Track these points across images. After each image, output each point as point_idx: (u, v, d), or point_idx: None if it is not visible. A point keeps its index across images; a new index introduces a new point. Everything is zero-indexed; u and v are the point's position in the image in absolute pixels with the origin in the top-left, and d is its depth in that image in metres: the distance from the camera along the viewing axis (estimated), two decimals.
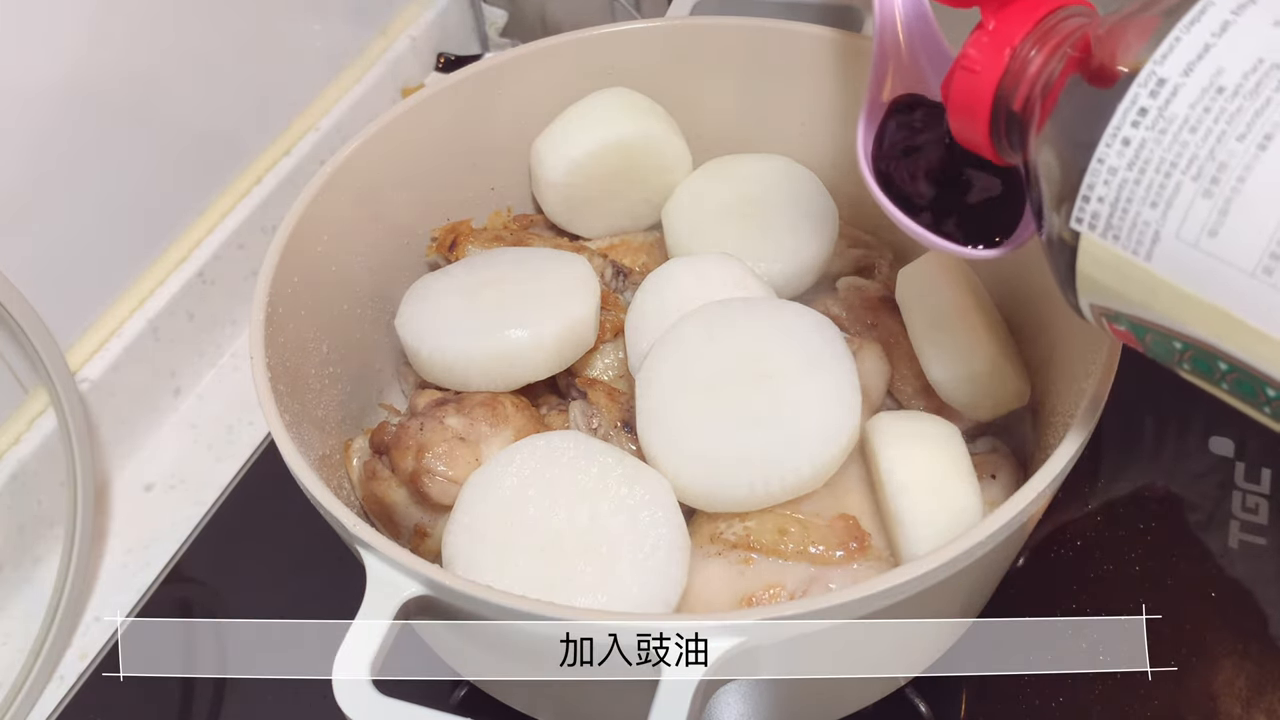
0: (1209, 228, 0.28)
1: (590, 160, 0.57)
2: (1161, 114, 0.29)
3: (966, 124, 0.37)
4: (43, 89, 0.56)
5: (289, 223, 0.49)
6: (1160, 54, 0.29)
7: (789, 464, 0.43)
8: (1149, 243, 0.30)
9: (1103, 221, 0.31)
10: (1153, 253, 0.30)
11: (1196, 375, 0.32)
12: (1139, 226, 0.30)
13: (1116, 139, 0.30)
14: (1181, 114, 0.29)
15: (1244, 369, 0.30)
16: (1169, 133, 0.29)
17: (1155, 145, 0.29)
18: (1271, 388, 0.30)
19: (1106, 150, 0.30)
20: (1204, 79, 0.28)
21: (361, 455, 0.51)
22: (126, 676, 0.55)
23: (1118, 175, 0.30)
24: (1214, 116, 0.28)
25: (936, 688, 0.50)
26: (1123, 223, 0.30)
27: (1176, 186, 0.29)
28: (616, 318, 0.54)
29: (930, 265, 0.50)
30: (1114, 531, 0.56)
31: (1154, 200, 0.29)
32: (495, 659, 0.44)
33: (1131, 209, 0.30)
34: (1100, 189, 0.30)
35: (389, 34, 0.82)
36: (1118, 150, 0.30)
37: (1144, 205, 0.29)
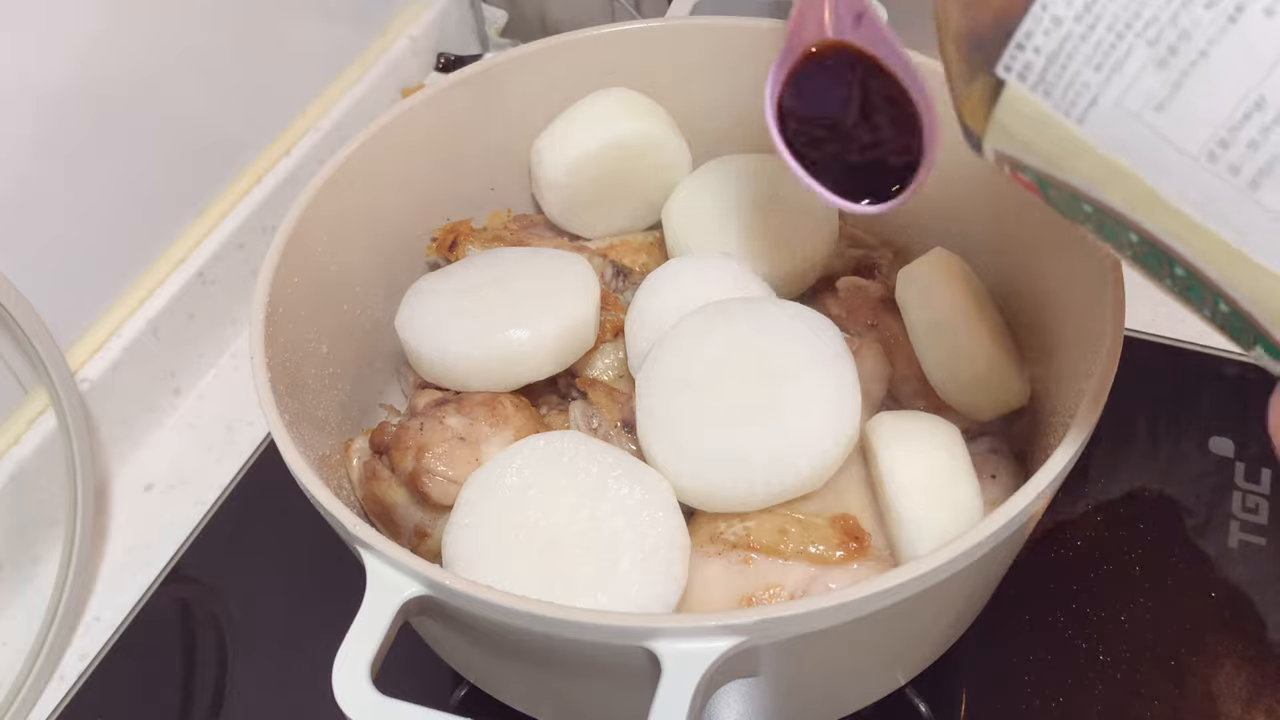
0: (1156, 101, 0.26)
1: (590, 160, 0.57)
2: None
3: None
4: (43, 89, 0.56)
5: (289, 223, 0.49)
6: None
7: (789, 464, 0.43)
8: (1084, 105, 0.27)
9: (1035, 74, 0.28)
10: (1086, 116, 0.27)
11: (1102, 237, 0.30)
12: (1076, 86, 0.27)
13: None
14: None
15: (1157, 244, 0.28)
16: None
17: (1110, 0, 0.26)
18: (1181, 267, 0.28)
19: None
20: None
21: (361, 455, 0.51)
22: (126, 676, 0.55)
23: (1062, 27, 0.27)
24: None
25: (936, 688, 0.50)
26: (1058, 80, 0.27)
27: (1128, 50, 0.26)
28: (616, 318, 0.54)
29: (930, 265, 0.50)
30: (1113, 531, 0.56)
31: (1099, 62, 0.26)
32: (495, 659, 0.44)
33: (1071, 66, 0.27)
34: (1039, 39, 0.27)
35: (389, 34, 0.82)
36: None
37: (1086, 65, 0.27)
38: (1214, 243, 0.26)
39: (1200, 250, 0.27)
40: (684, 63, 0.59)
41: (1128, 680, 0.50)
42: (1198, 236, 0.27)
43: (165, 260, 0.66)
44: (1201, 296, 0.28)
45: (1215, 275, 0.27)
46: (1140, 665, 0.51)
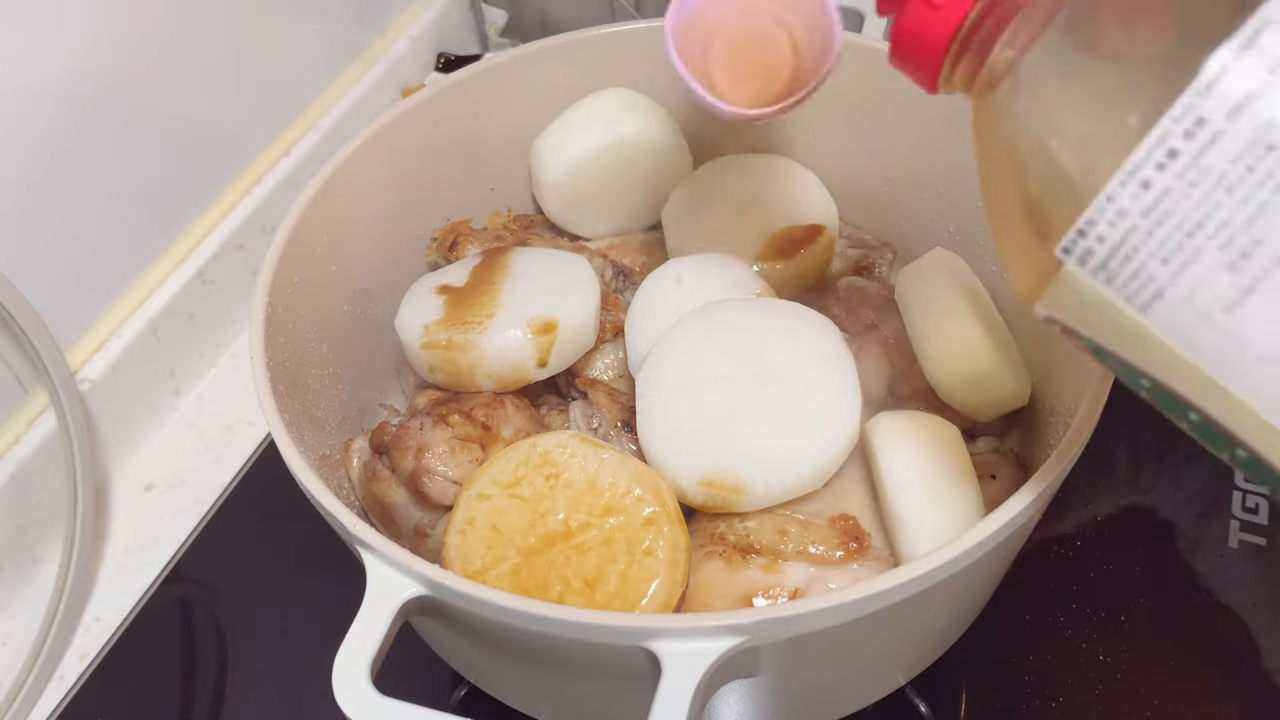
0: (1226, 302, 0.25)
1: (590, 160, 0.57)
2: (1195, 163, 0.24)
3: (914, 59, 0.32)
4: (43, 89, 0.56)
5: (289, 223, 0.49)
6: (1203, 84, 0.24)
7: (789, 464, 0.43)
8: (1148, 297, 0.26)
9: (1096, 262, 0.27)
10: (1149, 308, 0.26)
11: (1157, 404, 0.30)
12: (1140, 279, 0.26)
13: (1134, 179, 0.25)
14: (1219, 168, 0.24)
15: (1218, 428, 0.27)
16: (1200, 187, 0.24)
17: (1181, 198, 0.25)
18: (1243, 450, 0.27)
19: (1119, 189, 0.25)
20: (1253, 129, 0.23)
21: (361, 455, 0.51)
22: (126, 676, 0.55)
23: (1127, 219, 0.25)
24: (1258, 179, 0.24)
25: (936, 688, 0.50)
26: (1121, 270, 0.26)
27: (1197, 251, 0.25)
28: (616, 318, 0.54)
29: (930, 265, 0.50)
30: (1114, 531, 0.56)
31: (1166, 257, 0.25)
32: (495, 659, 0.44)
33: (1135, 259, 0.26)
34: (1103, 229, 0.26)
35: (389, 34, 0.82)
36: (1133, 192, 0.25)
37: (1153, 259, 0.25)
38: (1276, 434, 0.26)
39: (1265, 441, 0.26)
40: None
41: (1128, 680, 0.50)
42: (1263, 430, 0.26)
43: (165, 260, 0.66)
44: (1261, 474, 0.28)
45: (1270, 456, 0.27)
46: (1140, 665, 0.51)
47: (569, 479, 0.44)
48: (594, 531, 0.43)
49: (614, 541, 0.43)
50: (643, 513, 0.43)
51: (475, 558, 0.43)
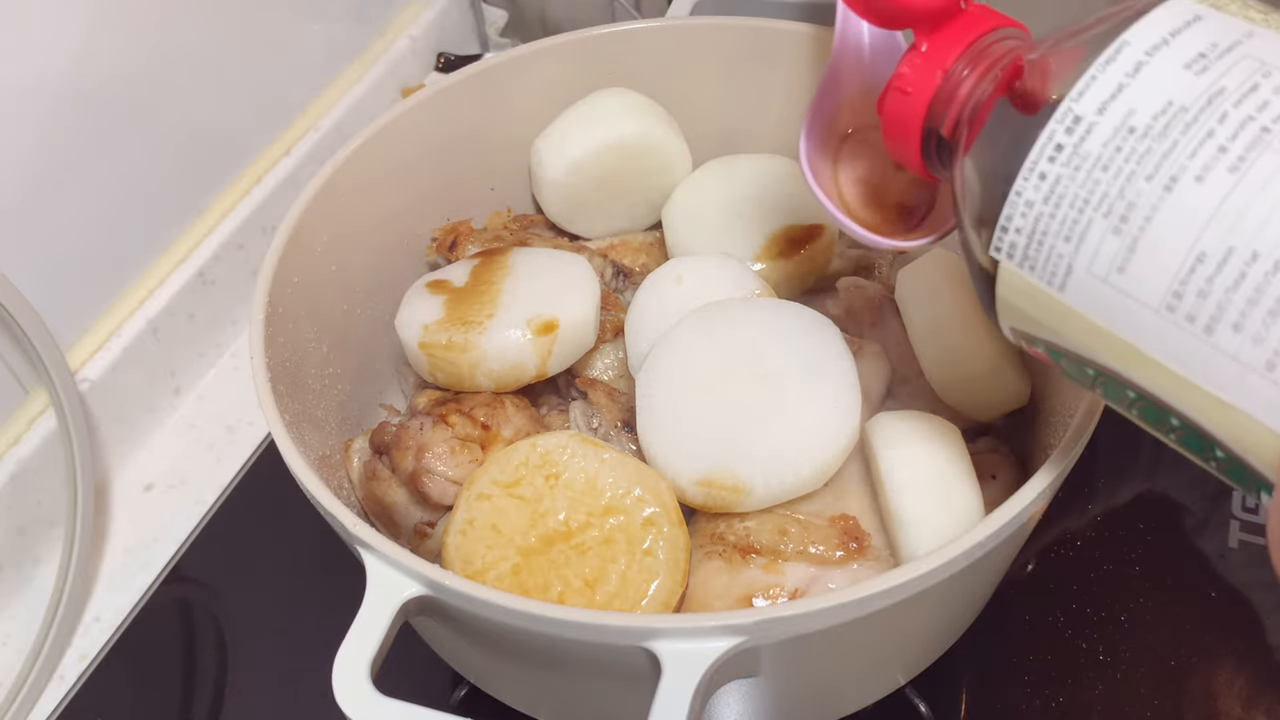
0: (1117, 264, 0.29)
1: (590, 160, 0.57)
2: (1076, 151, 0.30)
3: (899, 143, 0.38)
4: (43, 89, 0.56)
5: (289, 223, 0.49)
6: (1077, 90, 0.30)
7: (789, 464, 0.43)
8: (1062, 275, 0.30)
9: (1019, 252, 0.31)
10: (1066, 285, 0.30)
11: (1109, 400, 0.33)
12: (1053, 259, 0.30)
13: (1034, 173, 0.30)
14: (1095, 152, 0.29)
15: (1150, 398, 0.30)
16: (1083, 170, 0.29)
17: (1070, 181, 0.30)
18: (1175, 417, 0.30)
19: (1024, 184, 0.31)
20: (1117, 118, 0.29)
21: (361, 455, 0.51)
22: (126, 676, 0.55)
23: (1034, 209, 0.30)
24: (1125, 156, 0.29)
25: (936, 688, 0.50)
26: (1038, 254, 0.31)
27: (1088, 223, 0.29)
28: (616, 318, 0.54)
29: (930, 266, 0.50)
30: (1114, 531, 0.56)
31: (1067, 234, 0.30)
32: (495, 659, 0.44)
33: (1046, 242, 0.30)
34: (1018, 220, 0.31)
35: (389, 34, 0.82)
36: (1034, 184, 0.30)
37: (1058, 239, 0.30)
38: (1190, 388, 0.29)
39: (1182, 397, 0.29)
40: (684, 63, 0.59)
41: (1128, 680, 0.50)
42: (1176, 384, 0.29)
43: (165, 260, 0.66)
44: (1201, 447, 0.30)
45: (1199, 419, 0.29)
46: (1140, 665, 0.51)
47: (569, 479, 0.44)
48: (594, 531, 0.43)
49: (614, 542, 0.43)
50: (643, 513, 0.43)
51: (475, 558, 0.43)
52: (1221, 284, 0.27)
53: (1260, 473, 0.28)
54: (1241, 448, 0.28)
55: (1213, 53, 0.29)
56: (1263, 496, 0.29)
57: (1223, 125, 0.27)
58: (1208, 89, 0.28)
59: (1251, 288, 0.27)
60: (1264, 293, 0.26)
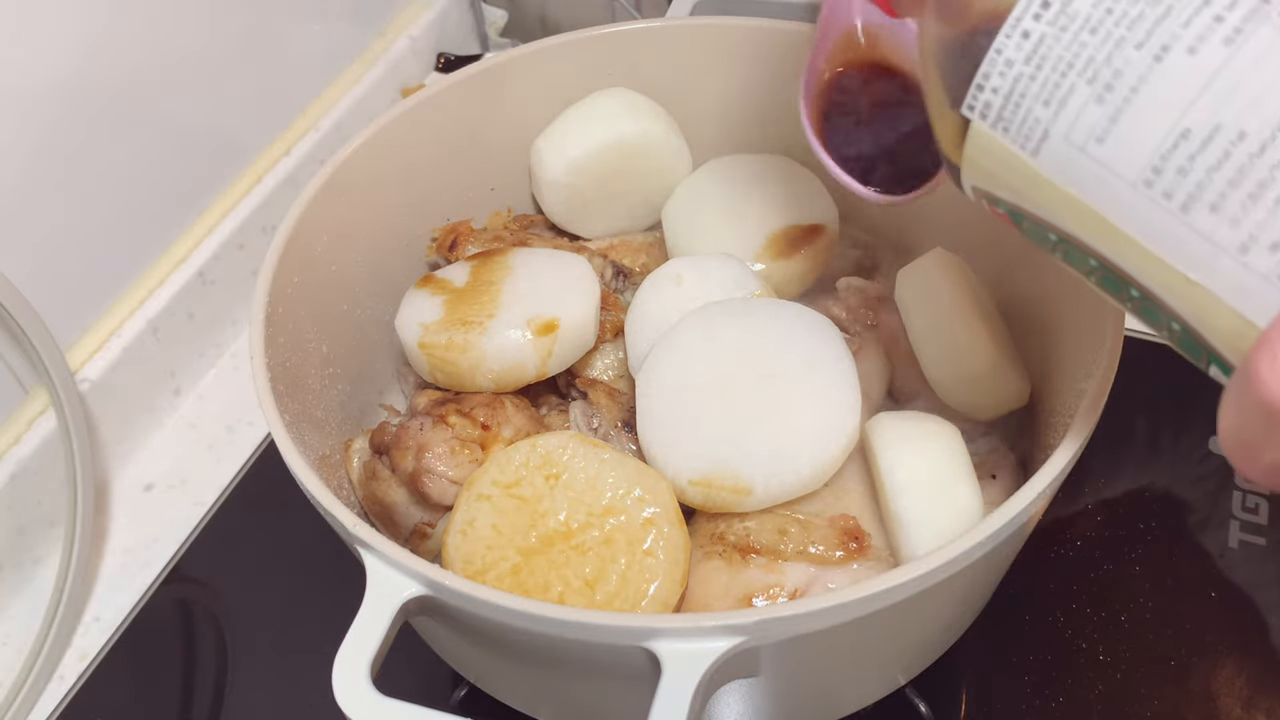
0: (1097, 133, 0.28)
1: (590, 160, 0.57)
2: (1064, 10, 0.28)
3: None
4: (43, 89, 0.56)
5: (289, 223, 0.49)
6: None
7: (789, 464, 0.43)
8: (1037, 140, 0.29)
9: (994, 112, 0.30)
10: (1040, 150, 0.29)
11: (1068, 264, 0.32)
12: (1029, 123, 0.29)
13: (1016, 30, 0.29)
14: (1083, 13, 0.28)
15: (1113, 269, 0.30)
16: (1069, 31, 0.28)
17: (1054, 42, 0.28)
18: (1135, 289, 0.29)
19: (1005, 41, 0.29)
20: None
21: (361, 455, 0.51)
22: (126, 676, 0.55)
23: (1014, 68, 0.29)
24: (1115, 20, 0.27)
25: (936, 688, 0.50)
26: (1014, 117, 0.29)
27: (1070, 88, 0.28)
28: (616, 318, 0.54)
29: (930, 265, 0.50)
30: (1114, 531, 0.56)
31: (1047, 99, 0.28)
32: (495, 659, 0.44)
33: (1024, 105, 0.29)
34: (995, 80, 0.29)
35: (389, 34, 0.82)
36: (1016, 42, 0.29)
37: (1036, 102, 0.29)
38: (1158, 264, 0.28)
39: (1147, 272, 0.28)
40: (684, 63, 0.59)
41: (1128, 680, 0.50)
42: (1144, 259, 0.28)
43: (165, 260, 0.66)
44: (1157, 318, 0.30)
45: (1163, 295, 0.29)
46: (1140, 665, 0.51)
47: (569, 479, 0.44)
48: (594, 532, 0.43)
49: (614, 542, 0.43)
50: (643, 513, 0.43)
51: (475, 558, 0.43)
52: (1204, 163, 0.26)
53: (1218, 351, 0.28)
54: (1204, 327, 0.28)
55: None
56: (1212, 369, 0.29)
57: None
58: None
59: (1234, 168, 0.26)
60: (1246, 174, 0.26)
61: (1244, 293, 0.26)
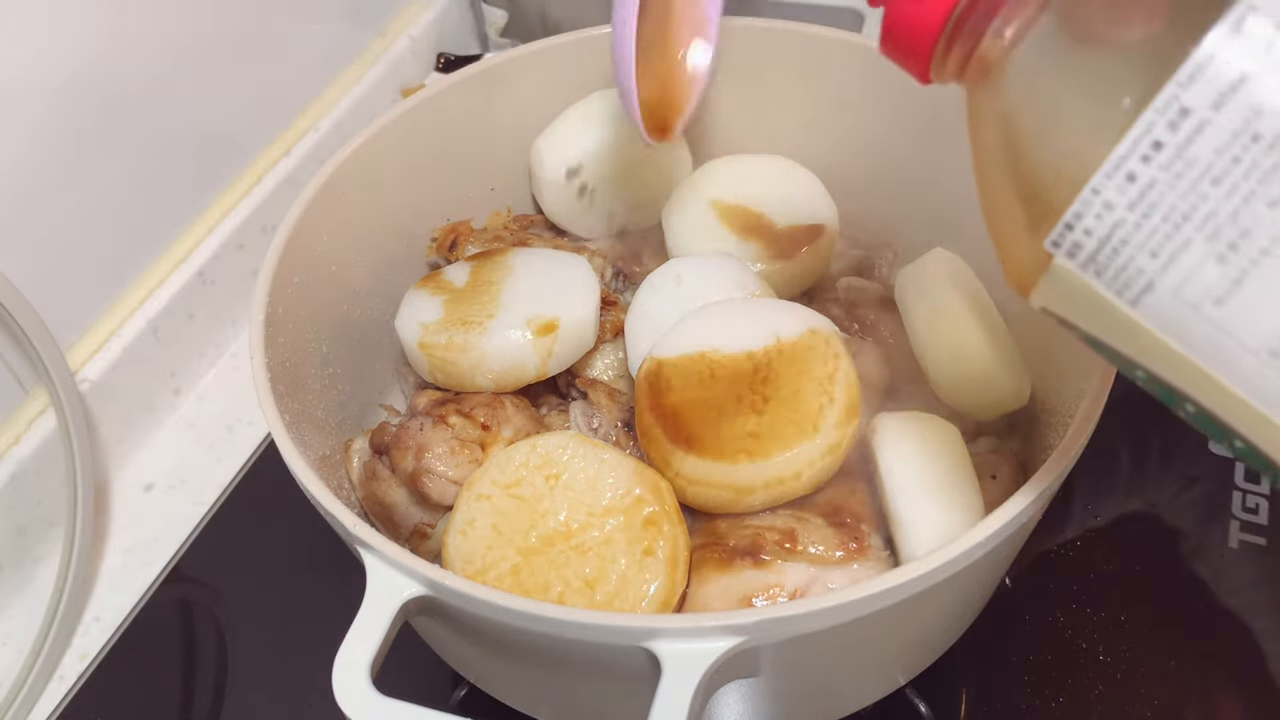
0: (1216, 295, 0.25)
1: (590, 160, 0.57)
2: (1180, 154, 0.24)
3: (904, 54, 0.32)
4: (43, 89, 0.56)
5: (289, 223, 0.49)
6: (1186, 74, 0.23)
7: (788, 465, 0.43)
8: (1138, 291, 0.26)
9: (1085, 255, 0.26)
10: (1140, 301, 0.26)
11: (1156, 395, 0.30)
12: (1130, 272, 0.26)
13: (1120, 172, 0.25)
14: (1205, 159, 0.24)
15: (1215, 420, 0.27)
16: (1186, 179, 0.24)
17: (1167, 190, 0.24)
18: (1240, 441, 0.27)
19: (1106, 182, 0.25)
20: (1238, 119, 0.23)
21: (361, 455, 0.51)
22: (127, 676, 0.55)
23: (1114, 213, 0.25)
24: (1244, 170, 0.23)
25: (936, 688, 0.50)
26: (1110, 263, 0.26)
27: (1185, 242, 0.25)
28: (616, 318, 0.54)
29: (930, 266, 0.50)
30: (1114, 531, 0.56)
31: (1155, 251, 0.25)
32: (495, 659, 0.44)
33: (1124, 252, 0.26)
34: (1090, 221, 0.26)
35: (389, 34, 0.82)
36: (1119, 184, 0.25)
37: (1141, 252, 0.25)
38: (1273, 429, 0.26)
39: (1260, 434, 0.26)
40: None
41: (1128, 680, 0.50)
42: (1259, 423, 0.26)
43: (165, 260, 0.66)
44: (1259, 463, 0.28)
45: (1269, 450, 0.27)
46: (1140, 665, 0.51)
47: (569, 479, 0.44)
48: (594, 532, 0.43)
49: (614, 541, 0.43)
50: (643, 513, 0.43)
51: (475, 558, 0.43)
52: None
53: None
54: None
55: None
56: None
57: None
58: None
59: None
60: None
61: None
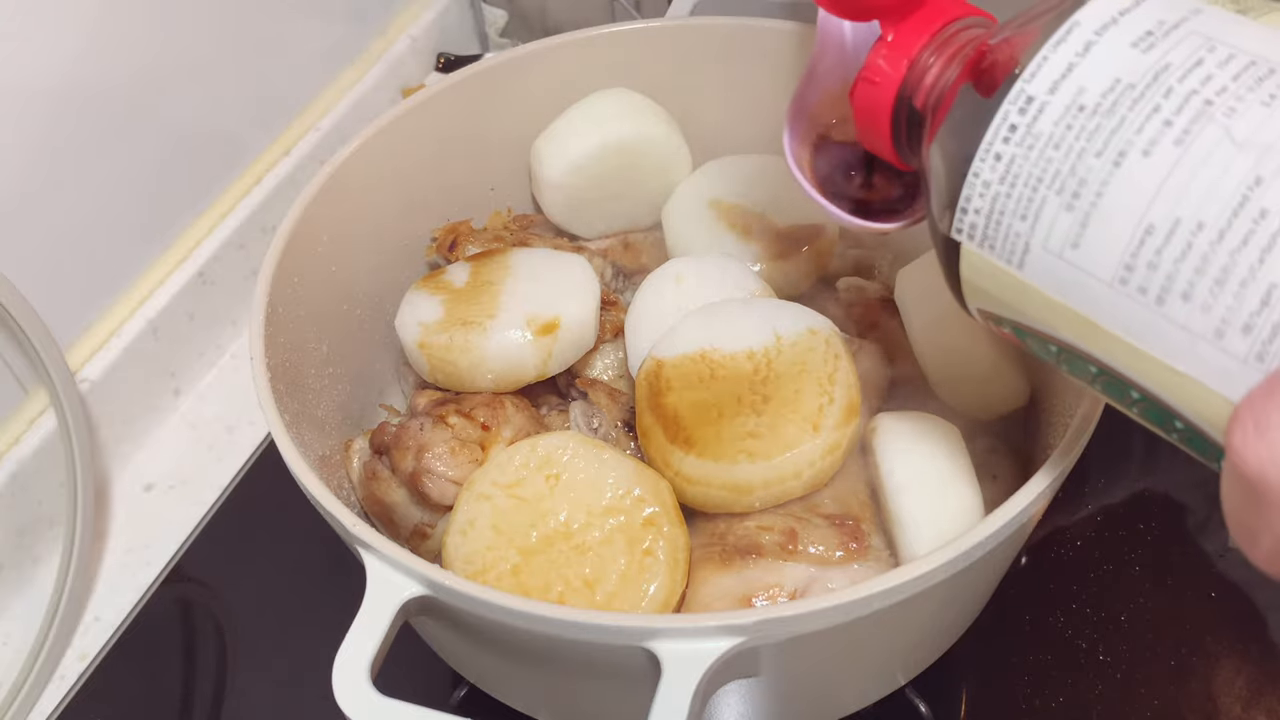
0: (1071, 239, 0.29)
1: (590, 160, 0.57)
2: (1029, 131, 0.30)
3: (870, 131, 0.39)
4: (43, 89, 0.56)
5: (289, 223, 0.49)
6: (1029, 72, 0.30)
7: (788, 465, 0.43)
8: (1020, 253, 0.31)
9: (979, 232, 0.32)
10: (1024, 262, 0.31)
11: (1073, 377, 0.33)
12: (1010, 237, 0.31)
13: (990, 154, 0.31)
14: (1046, 131, 0.30)
15: (1110, 372, 0.31)
16: (1035, 149, 0.30)
17: (1023, 161, 0.30)
18: (1134, 390, 0.30)
19: (981, 165, 0.31)
20: (1067, 97, 0.30)
21: (361, 455, 0.51)
22: (127, 676, 0.55)
23: (991, 189, 0.31)
24: (1075, 134, 0.29)
25: (936, 688, 0.50)
26: (996, 233, 0.31)
27: (1042, 200, 0.30)
28: (616, 318, 0.54)
29: (930, 266, 0.50)
30: (1114, 531, 0.56)
31: (1023, 213, 0.30)
32: (495, 659, 0.44)
33: (1004, 221, 0.31)
34: (976, 201, 0.31)
35: (389, 34, 0.82)
36: (990, 165, 0.31)
37: (1014, 218, 0.31)
38: (1145, 359, 0.29)
39: (1138, 369, 0.29)
40: (684, 63, 0.59)
41: (1128, 680, 0.50)
42: (1132, 356, 0.29)
43: (165, 260, 0.66)
44: (1161, 418, 0.30)
45: (1157, 390, 0.29)
46: (1140, 665, 0.51)
47: (569, 479, 0.44)
48: (594, 532, 0.43)
49: (614, 542, 0.43)
50: (643, 513, 0.43)
51: (476, 558, 0.43)
52: (1170, 255, 0.27)
53: (1215, 441, 0.29)
54: (1197, 416, 0.29)
55: (1160, 30, 0.29)
56: (1219, 465, 0.29)
57: (1168, 100, 0.28)
58: (1154, 65, 0.29)
59: (1198, 257, 0.27)
60: (1210, 261, 0.27)
61: (1226, 377, 0.27)
